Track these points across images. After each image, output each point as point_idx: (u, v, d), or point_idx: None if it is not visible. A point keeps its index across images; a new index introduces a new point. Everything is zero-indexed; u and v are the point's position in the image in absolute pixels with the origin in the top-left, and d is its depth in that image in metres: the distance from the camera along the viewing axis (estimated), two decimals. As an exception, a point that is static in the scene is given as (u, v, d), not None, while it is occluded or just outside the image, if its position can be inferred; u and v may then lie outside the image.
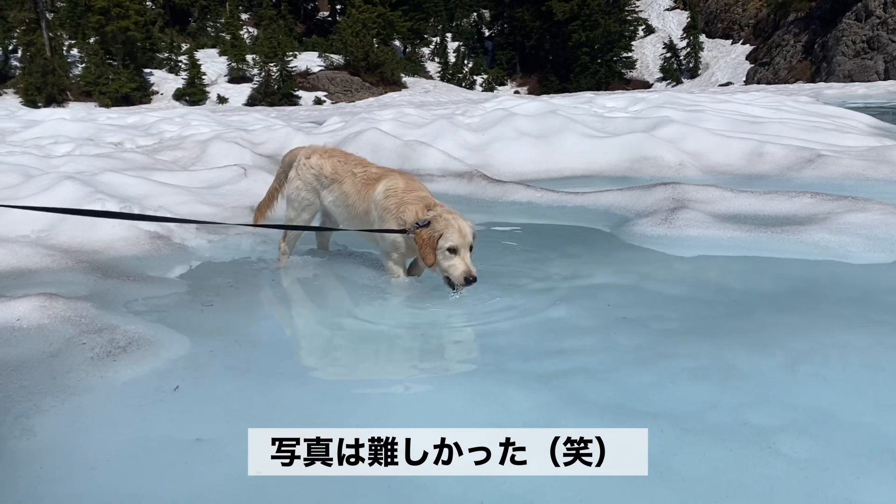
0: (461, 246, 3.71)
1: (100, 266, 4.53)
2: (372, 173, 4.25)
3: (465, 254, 3.72)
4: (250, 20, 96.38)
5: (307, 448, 2.24)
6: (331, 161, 4.44)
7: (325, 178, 4.42)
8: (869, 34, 66.14)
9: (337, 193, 4.35)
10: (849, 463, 2.14)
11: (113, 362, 2.99)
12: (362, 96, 76.86)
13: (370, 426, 2.29)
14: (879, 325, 3.21)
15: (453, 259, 3.71)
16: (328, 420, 2.52)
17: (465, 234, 3.74)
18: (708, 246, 4.83)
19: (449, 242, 3.70)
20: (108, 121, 18.44)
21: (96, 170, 7.37)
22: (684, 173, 7.99)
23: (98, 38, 71.08)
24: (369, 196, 4.13)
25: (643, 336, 3.26)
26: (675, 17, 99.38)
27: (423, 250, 3.75)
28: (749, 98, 17.37)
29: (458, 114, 13.58)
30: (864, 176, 7.09)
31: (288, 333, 3.64)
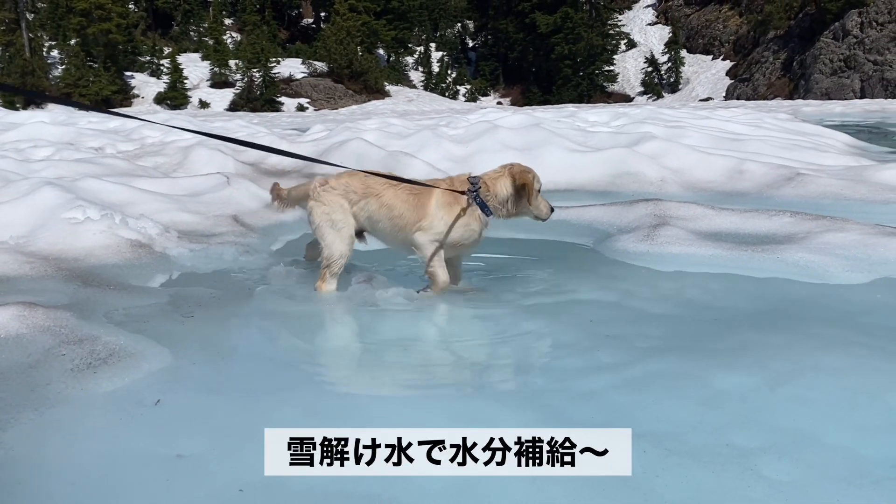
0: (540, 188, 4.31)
1: (80, 274, 4.48)
2: (413, 187, 4.27)
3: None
4: (234, 25, 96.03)
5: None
6: (357, 178, 4.32)
7: (355, 193, 4.26)
8: (846, 53, 67.27)
9: (375, 206, 4.22)
10: (828, 486, 2.16)
11: (93, 374, 2.96)
12: (345, 104, 76.76)
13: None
14: (858, 346, 3.25)
15: (540, 197, 4.30)
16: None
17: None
18: (689, 263, 4.88)
19: (538, 184, 4.29)
20: (88, 125, 18.25)
21: (77, 175, 7.29)
22: (666, 189, 8.06)
23: (79, 40, 70.47)
24: (425, 204, 4.16)
25: (625, 354, 3.28)
26: (657, 32, 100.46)
27: (529, 190, 4.19)
28: (729, 115, 17.59)
29: (443, 125, 13.61)
30: (842, 195, 7.19)
31: (271, 346, 3.62)
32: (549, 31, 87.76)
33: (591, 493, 2.16)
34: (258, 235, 5.89)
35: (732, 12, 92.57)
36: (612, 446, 2.29)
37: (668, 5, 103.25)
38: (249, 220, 6.29)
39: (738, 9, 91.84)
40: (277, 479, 2.25)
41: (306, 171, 9.82)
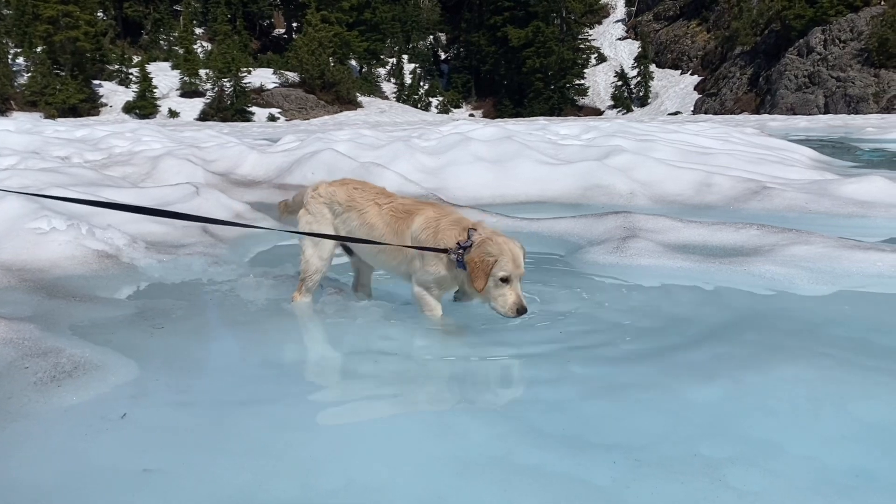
0: (514, 276, 3.56)
1: (45, 285, 4.40)
2: (401, 205, 3.99)
3: (516, 284, 3.58)
4: (204, 35, 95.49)
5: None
6: (345, 188, 4.16)
7: (339, 205, 4.12)
8: (810, 69, 68.80)
9: (356, 223, 4.03)
10: (794, 495, 2.19)
11: (57, 388, 2.90)
12: (317, 114, 76.64)
13: (324, 458, 2.26)
14: (823, 357, 3.30)
15: (503, 288, 3.55)
16: (282, 451, 2.48)
17: (518, 262, 3.58)
18: (658, 275, 4.93)
19: (502, 272, 3.52)
20: (55, 133, 17.99)
21: (42, 185, 7.17)
22: (635, 202, 8.15)
23: (45, 48, 69.53)
24: (404, 231, 3.87)
25: (596, 366, 3.30)
26: (627, 47, 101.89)
27: (475, 273, 3.51)
28: (698, 129, 17.86)
29: (415, 136, 13.64)
30: (806, 209, 7.34)
31: (240, 359, 3.57)
32: (520, 45, 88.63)
33: (563, 503, 2.17)
34: (228, 246, 5.84)
35: (700, 28, 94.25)
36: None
37: (638, 21, 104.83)
38: (218, 231, 6.23)
39: (705, 25, 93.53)
40: (245, 494, 2.22)
41: (276, 182, 9.77)
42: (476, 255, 3.54)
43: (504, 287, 3.55)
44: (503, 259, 3.52)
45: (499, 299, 3.56)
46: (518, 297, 3.55)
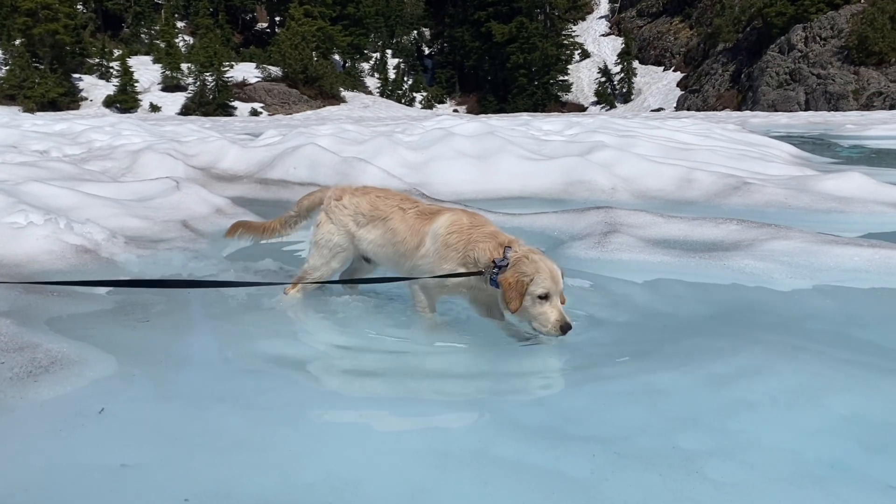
0: (553, 293, 3.38)
1: (22, 280, 4.34)
2: (427, 207, 3.90)
3: (556, 301, 3.40)
4: (186, 28, 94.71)
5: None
6: (367, 198, 4.04)
7: (363, 216, 4.01)
8: (791, 67, 69.41)
9: (381, 230, 3.94)
10: (770, 487, 2.21)
11: (34, 383, 2.87)
12: (300, 109, 76.28)
13: (303, 452, 2.26)
14: (799, 350, 3.34)
15: (544, 306, 3.37)
16: (261, 445, 2.47)
17: (557, 279, 3.41)
18: (638, 270, 4.96)
19: (540, 289, 3.35)
20: (33, 127, 17.77)
21: (20, 179, 7.09)
22: (617, 197, 8.20)
23: (24, 41, 68.64)
24: (424, 230, 3.74)
25: (576, 359, 3.32)
26: (610, 43, 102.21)
27: (509, 294, 3.35)
28: (680, 125, 17.96)
29: (398, 131, 13.62)
30: (786, 204, 7.41)
31: (220, 354, 3.55)
32: (504, 41, 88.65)
33: (541, 495, 2.18)
34: (208, 241, 5.80)
35: (683, 25, 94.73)
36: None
37: (621, 17, 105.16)
38: (199, 226, 6.19)
39: (688, 21, 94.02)
40: (224, 488, 2.21)
41: (258, 177, 9.72)
42: (511, 275, 3.40)
43: (544, 304, 3.38)
44: (539, 276, 3.37)
45: (540, 318, 3.38)
46: (561, 314, 3.38)
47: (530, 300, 3.37)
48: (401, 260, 3.87)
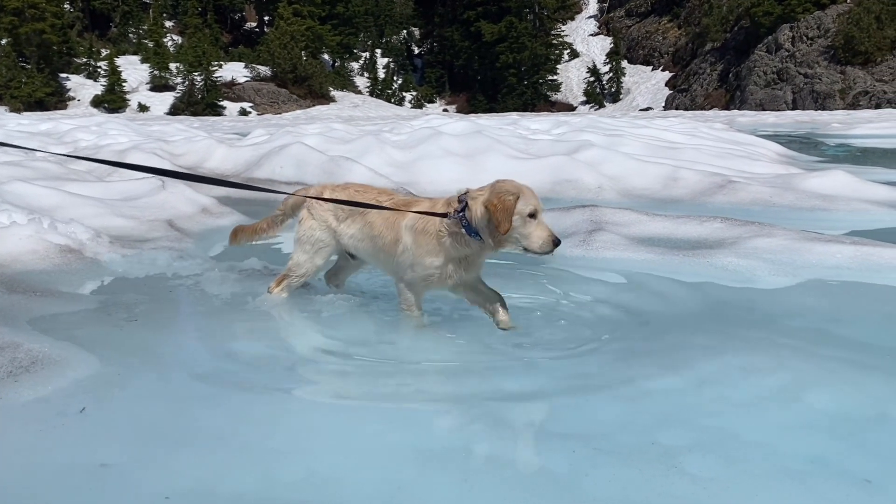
0: (540, 210, 3.40)
1: (4, 280, 4.31)
2: (402, 199, 3.90)
3: (542, 217, 3.42)
4: (175, 28, 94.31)
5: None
6: (346, 192, 4.02)
7: (342, 210, 4.00)
8: (779, 66, 69.80)
9: (360, 225, 3.92)
10: (749, 482, 2.23)
11: (14, 382, 2.85)
12: (289, 109, 76.08)
13: (284, 450, 2.26)
14: (781, 347, 3.37)
15: (531, 225, 3.36)
16: (242, 444, 2.47)
17: (537, 196, 3.42)
18: (623, 267, 4.98)
19: (529, 207, 3.34)
20: (18, 126, 17.67)
21: (4, 178, 7.04)
22: (603, 196, 8.23)
23: (10, 40, 68.15)
24: (399, 223, 3.73)
25: (557, 356, 3.32)
26: (599, 43, 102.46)
27: (498, 216, 3.30)
28: (667, 124, 18.03)
29: (386, 131, 13.61)
30: (770, 202, 7.45)
31: (202, 353, 3.54)
32: (493, 40, 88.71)
33: (521, 491, 2.18)
34: (194, 240, 5.78)
35: (671, 24, 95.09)
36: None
37: (610, 17, 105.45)
38: (185, 225, 6.17)
39: (676, 21, 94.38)
40: (205, 486, 2.21)
41: (245, 176, 9.70)
42: (493, 197, 3.36)
43: (532, 223, 3.38)
44: (524, 195, 3.36)
45: (531, 237, 3.37)
46: (550, 231, 3.40)
47: (520, 220, 3.35)
48: (380, 255, 3.87)
